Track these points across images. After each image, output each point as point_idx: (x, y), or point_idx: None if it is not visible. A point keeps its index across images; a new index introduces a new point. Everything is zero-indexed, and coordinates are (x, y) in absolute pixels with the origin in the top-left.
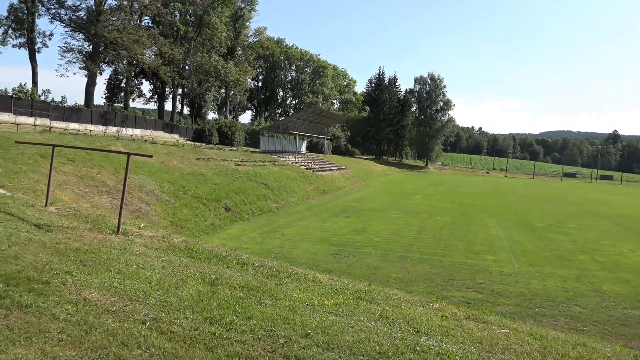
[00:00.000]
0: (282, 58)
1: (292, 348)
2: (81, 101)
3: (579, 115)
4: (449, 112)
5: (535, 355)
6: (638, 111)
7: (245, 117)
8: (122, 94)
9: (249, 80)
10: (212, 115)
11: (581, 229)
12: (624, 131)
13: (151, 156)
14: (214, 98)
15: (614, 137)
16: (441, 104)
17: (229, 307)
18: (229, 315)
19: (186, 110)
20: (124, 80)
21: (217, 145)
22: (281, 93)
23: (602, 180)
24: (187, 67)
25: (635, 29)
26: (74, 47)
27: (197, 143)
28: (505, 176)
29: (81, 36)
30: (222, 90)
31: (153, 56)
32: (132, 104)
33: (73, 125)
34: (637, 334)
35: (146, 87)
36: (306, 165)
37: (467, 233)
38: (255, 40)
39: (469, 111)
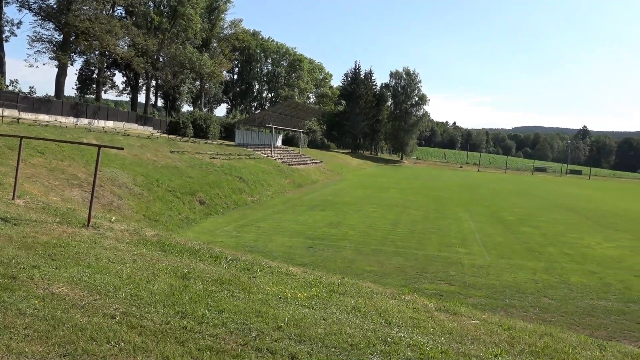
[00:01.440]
0: (258, 51)
1: (264, 341)
2: (51, 92)
3: (550, 111)
4: (424, 106)
5: (504, 345)
6: (607, 108)
7: (221, 110)
8: (94, 85)
9: (225, 72)
10: (186, 108)
11: (551, 223)
12: (593, 127)
13: (122, 148)
14: (189, 90)
15: (584, 132)
16: (416, 99)
17: (201, 300)
18: (201, 308)
19: (160, 103)
20: (96, 71)
21: (191, 138)
22: (257, 86)
23: (572, 174)
24: (161, 59)
25: (603, 29)
26: (44, 36)
27: (171, 136)
28: (479, 170)
29: (51, 25)
30: (197, 83)
31: (126, 47)
32: (104, 96)
33: (43, 117)
34: (602, 324)
35: (119, 78)
36: (282, 158)
37: (441, 226)
38: (230, 32)
39: (444, 106)
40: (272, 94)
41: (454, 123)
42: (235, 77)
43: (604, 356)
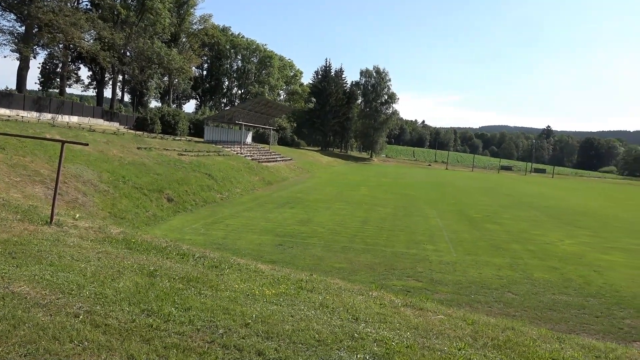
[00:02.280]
0: (227, 47)
1: (232, 338)
2: (12, 86)
3: (516, 111)
4: (394, 105)
5: (467, 339)
6: (569, 109)
7: (190, 106)
8: (58, 79)
9: (194, 68)
10: (154, 104)
11: (515, 220)
12: (556, 127)
13: (87, 144)
14: (157, 86)
15: (547, 132)
16: (386, 97)
17: (168, 298)
18: (168, 306)
19: (127, 98)
20: (60, 65)
21: (159, 135)
22: (227, 82)
23: (536, 173)
24: (128, 53)
25: (564, 34)
26: (5, 28)
27: (138, 132)
28: (446, 168)
29: (12, 16)
30: (165, 78)
31: (92, 40)
32: (68, 90)
33: (3, 111)
34: (563, 317)
35: (84, 72)
36: (252, 155)
37: (409, 224)
38: (200, 27)
39: (413, 105)
40: (242, 91)
41: (423, 121)
42: (205, 73)
43: (562, 348)
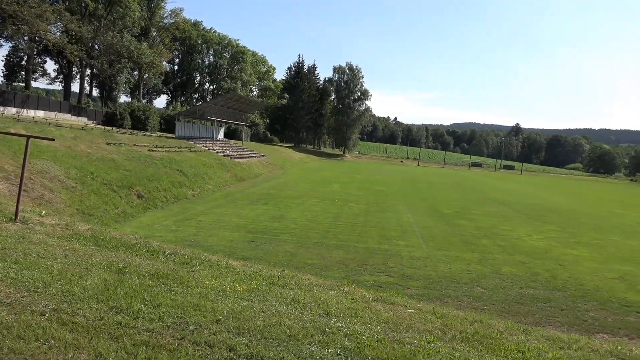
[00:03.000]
0: (199, 41)
1: (202, 334)
2: None
3: (486, 109)
4: (366, 102)
5: (437, 333)
6: (538, 107)
7: (160, 102)
8: (23, 72)
9: (165, 63)
10: (124, 99)
11: (485, 215)
12: (525, 125)
13: (53, 139)
14: (127, 80)
15: (516, 129)
16: (359, 94)
17: (137, 295)
18: (137, 303)
19: (95, 93)
20: (25, 58)
21: (129, 130)
22: (198, 78)
23: (505, 169)
24: (96, 47)
25: (532, 35)
26: None
27: (107, 127)
28: (418, 165)
29: None
30: (135, 73)
31: (58, 33)
32: (34, 84)
33: None
34: (530, 311)
35: (51, 66)
36: (224, 152)
37: (381, 219)
38: (171, 21)
39: (385, 102)
40: (214, 86)
41: (395, 118)
42: (176, 67)
43: (528, 340)
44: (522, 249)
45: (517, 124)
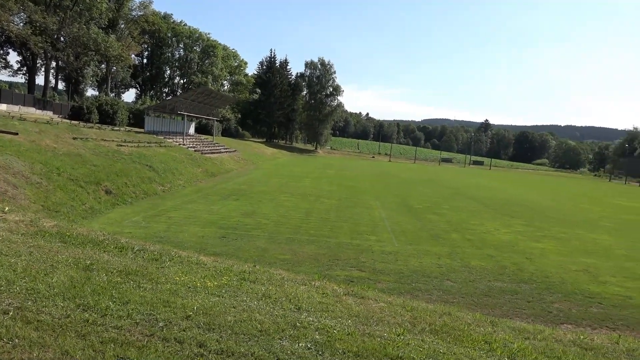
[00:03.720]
0: (169, 35)
1: (172, 331)
2: None
3: (456, 105)
4: (338, 97)
5: (406, 325)
6: (506, 103)
7: (129, 96)
8: None
9: (133, 56)
10: (91, 92)
11: (455, 210)
12: (493, 121)
13: (17, 133)
14: (94, 74)
15: (486, 126)
16: (331, 89)
17: (105, 292)
18: (105, 300)
19: (61, 86)
20: None
21: (97, 125)
22: (168, 71)
23: (474, 165)
24: (62, 39)
25: (500, 33)
26: None
27: (74, 121)
28: (390, 160)
29: None
30: (103, 66)
31: (22, 24)
32: None
33: None
34: (497, 303)
35: (14, 57)
36: (194, 147)
37: (353, 215)
38: (139, 14)
39: (357, 97)
40: (185, 80)
41: (367, 114)
42: (145, 61)
43: (495, 331)
44: (491, 243)
45: (486, 120)
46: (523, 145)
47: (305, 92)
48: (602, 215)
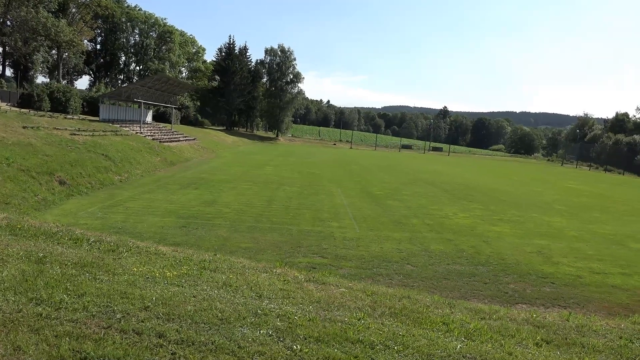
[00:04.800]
0: (123, 19)
1: (130, 322)
2: None
3: (416, 93)
4: (299, 84)
5: (367, 309)
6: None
7: (83, 83)
8: None
9: (86, 42)
10: (41, 79)
11: (415, 196)
12: (452, 107)
13: None
14: (44, 60)
15: (444, 112)
16: (291, 76)
17: (59, 285)
18: (59, 294)
19: (9, 73)
20: None
21: (48, 113)
22: (123, 58)
23: (434, 151)
24: (8, 23)
25: (462, 20)
26: None
27: (23, 110)
28: (351, 148)
29: None
30: (54, 52)
31: None
32: None
33: None
34: (456, 285)
35: None
36: (152, 135)
37: (315, 202)
38: None
39: (318, 84)
40: (141, 67)
41: (328, 101)
42: (99, 47)
43: (452, 312)
44: (449, 227)
45: (445, 107)
46: (480, 132)
47: (265, 80)
48: (555, 198)
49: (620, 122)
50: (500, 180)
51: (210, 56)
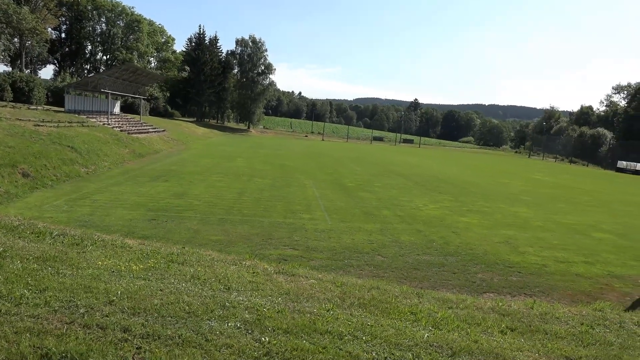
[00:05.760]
0: (89, 7)
1: (94, 317)
2: None
3: (387, 85)
4: (270, 76)
5: (336, 300)
6: (434, 83)
7: (47, 72)
8: None
9: (50, 30)
10: (3, 68)
11: (386, 188)
12: (423, 100)
13: None
14: (5, 48)
15: (415, 105)
16: (262, 68)
17: (20, 280)
18: (19, 289)
19: None
20: None
21: (10, 103)
22: (90, 47)
23: (405, 143)
24: None
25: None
26: None
27: None
28: (323, 139)
29: None
30: (16, 40)
31: None
32: None
33: None
34: (426, 276)
35: None
36: (120, 127)
37: (286, 194)
38: None
39: (289, 76)
40: (108, 57)
41: (300, 93)
42: (64, 35)
43: (420, 302)
44: (420, 218)
45: (416, 99)
46: (450, 124)
47: (236, 71)
48: (522, 189)
49: (585, 115)
50: (469, 172)
51: (179, 46)
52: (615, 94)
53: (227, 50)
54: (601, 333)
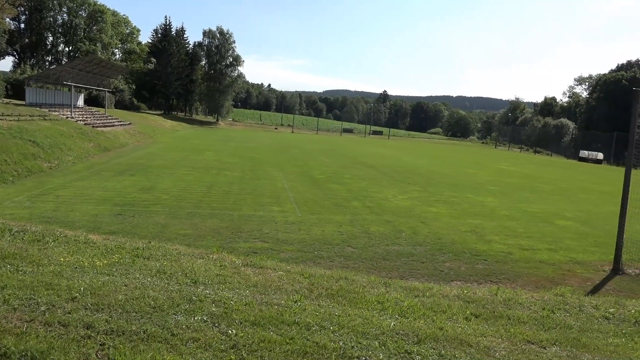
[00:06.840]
0: None
1: (56, 314)
2: None
3: (356, 77)
4: (239, 68)
5: (304, 292)
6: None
7: (6, 64)
8: None
9: (8, 20)
10: None
11: (355, 179)
12: (392, 92)
13: None
14: None
15: (384, 96)
16: (231, 59)
17: None
18: None
19: None
20: None
21: None
22: (51, 38)
23: (374, 135)
24: None
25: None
26: None
27: None
28: (292, 132)
29: None
30: None
31: None
32: None
33: None
34: (395, 265)
35: None
36: (84, 120)
37: (256, 186)
38: None
39: (258, 68)
40: (70, 48)
41: (269, 85)
42: (23, 26)
43: (387, 291)
44: (389, 209)
45: (385, 91)
46: (419, 115)
47: (204, 62)
48: (488, 179)
49: (548, 106)
50: (437, 163)
51: (145, 38)
52: (577, 85)
53: (195, 42)
54: (561, 317)
